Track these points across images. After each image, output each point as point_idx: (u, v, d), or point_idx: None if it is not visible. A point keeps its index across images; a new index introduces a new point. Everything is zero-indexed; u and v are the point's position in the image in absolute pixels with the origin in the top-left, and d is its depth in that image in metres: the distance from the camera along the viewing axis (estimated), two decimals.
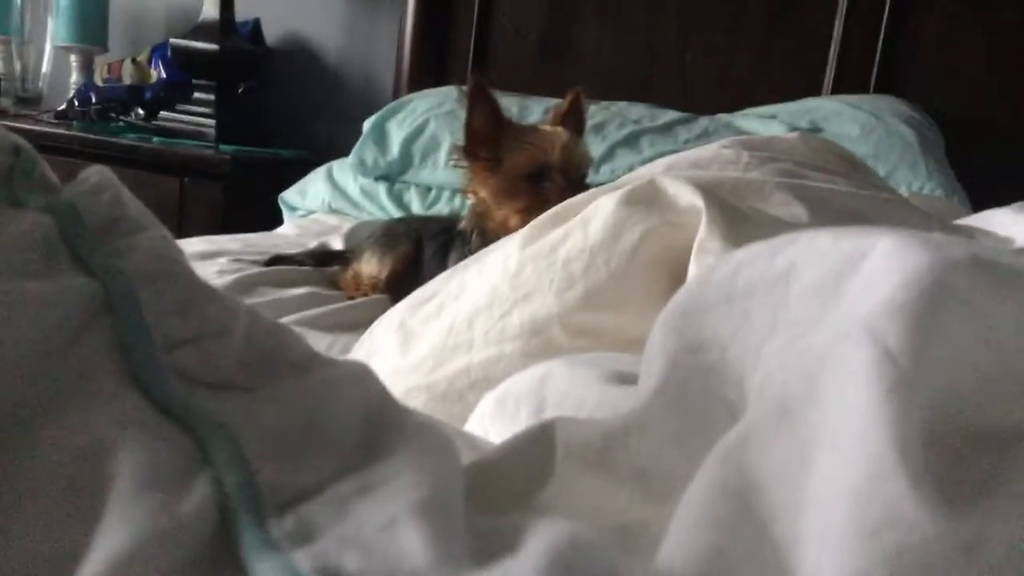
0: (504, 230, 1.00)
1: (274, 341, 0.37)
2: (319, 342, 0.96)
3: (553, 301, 0.64)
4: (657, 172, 0.67)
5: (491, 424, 0.47)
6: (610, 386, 0.40)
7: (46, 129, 2.04)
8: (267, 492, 0.29)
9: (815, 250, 0.30)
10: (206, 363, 0.33)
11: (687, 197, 0.61)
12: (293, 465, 0.30)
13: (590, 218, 0.65)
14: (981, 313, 0.25)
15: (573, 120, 1.12)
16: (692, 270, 0.58)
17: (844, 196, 0.60)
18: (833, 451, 0.24)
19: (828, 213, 0.58)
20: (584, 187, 0.97)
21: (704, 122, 1.78)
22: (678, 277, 0.61)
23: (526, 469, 0.33)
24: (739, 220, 0.58)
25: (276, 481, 0.29)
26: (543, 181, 1.02)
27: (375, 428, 0.34)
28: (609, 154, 1.68)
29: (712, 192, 0.60)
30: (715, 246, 0.58)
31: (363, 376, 0.37)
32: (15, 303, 0.30)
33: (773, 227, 0.57)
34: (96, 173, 0.37)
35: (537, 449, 0.34)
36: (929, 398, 0.25)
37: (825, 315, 0.28)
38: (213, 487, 0.28)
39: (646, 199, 0.63)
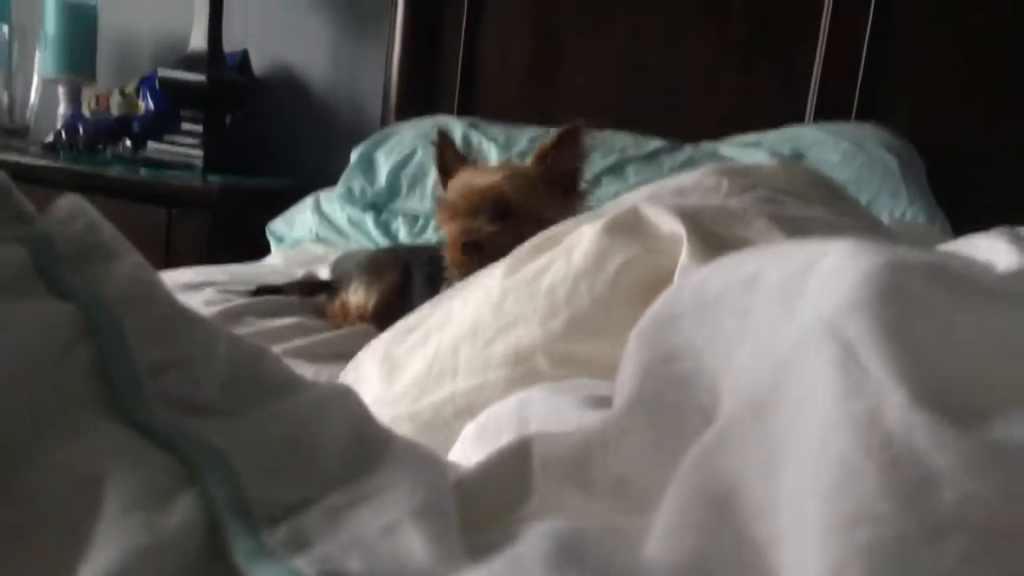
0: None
1: (255, 364, 0.37)
2: (305, 372, 0.96)
3: (537, 329, 0.64)
4: (639, 200, 0.68)
5: (473, 450, 0.47)
6: (590, 409, 0.41)
7: (33, 161, 2.04)
8: (257, 505, 0.29)
9: (778, 257, 0.31)
10: (189, 387, 0.33)
11: (668, 225, 0.62)
12: (281, 481, 0.31)
13: (573, 246, 0.66)
14: (938, 315, 0.26)
15: (567, 153, 1.10)
16: None
17: (822, 223, 0.61)
18: (804, 450, 0.25)
19: (806, 239, 0.59)
20: (491, 219, 1.00)
21: (688, 150, 1.80)
22: None
23: (505, 487, 0.33)
24: (719, 247, 0.58)
25: (265, 495, 0.30)
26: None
27: (361, 445, 0.34)
28: (595, 182, 1.69)
29: (693, 219, 0.61)
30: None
31: (346, 396, 0.37)
32: None
33: None
34: (69, 202, 0.38)
35: (515, 467, 0.34)
36: (890, 394, 0.25)
37: (789, 314, 0.29)
38: (201, 503, 0.28)
39: (628, 227, 0.64)
